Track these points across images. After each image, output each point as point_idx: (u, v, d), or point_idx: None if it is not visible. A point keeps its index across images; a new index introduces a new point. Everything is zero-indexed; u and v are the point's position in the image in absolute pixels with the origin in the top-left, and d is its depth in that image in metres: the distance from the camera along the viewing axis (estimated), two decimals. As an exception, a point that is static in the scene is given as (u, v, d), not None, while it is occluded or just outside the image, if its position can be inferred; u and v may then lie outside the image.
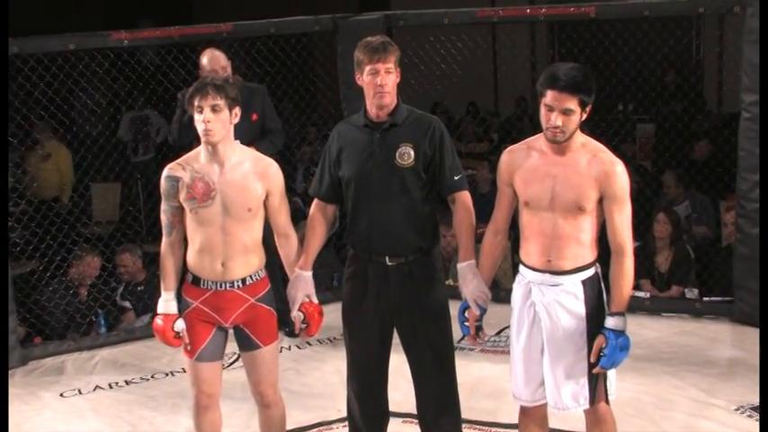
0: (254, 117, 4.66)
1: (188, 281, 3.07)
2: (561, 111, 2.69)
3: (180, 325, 3.04)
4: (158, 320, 3.06)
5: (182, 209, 3.01)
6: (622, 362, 2.80)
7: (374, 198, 3.02)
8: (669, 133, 6.47)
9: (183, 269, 3.11)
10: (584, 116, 2.74)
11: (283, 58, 5.85)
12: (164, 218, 3.06)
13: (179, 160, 3.06)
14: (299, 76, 6.26)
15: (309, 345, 4.76)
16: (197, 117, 2.93)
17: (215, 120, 2.90)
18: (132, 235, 5.99)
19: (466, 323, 3.03)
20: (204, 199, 2.95)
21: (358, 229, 3.08)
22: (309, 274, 3.13)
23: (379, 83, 2.95)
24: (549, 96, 2.70)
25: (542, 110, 2.74)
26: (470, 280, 3.00)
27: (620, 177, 2.76)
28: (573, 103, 2.69)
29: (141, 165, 7.78)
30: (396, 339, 3.17)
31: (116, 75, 6.12)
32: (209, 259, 2.99)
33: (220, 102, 2.90)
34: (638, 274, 2.91)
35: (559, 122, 2.70)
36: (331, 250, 5.86)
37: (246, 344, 3.10)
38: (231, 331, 3.12)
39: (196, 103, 2.91)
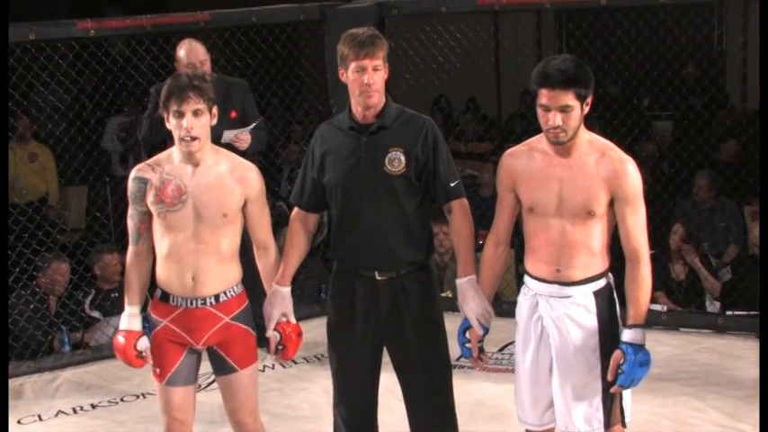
0: (233, 114, 4.67)
1: (156, 297, 3.06)
2: (558, 109, 2.70)
3: (143, 343, 3.03)
4: (120, 337, 3.05)
5: (150, 214, 3.00)
6: (642, 379, 2.81)
7: (361, 208, 3.02)
8: (688, 131, 6.48)
9: (152, 284, 3.10)
10: (586, 109, 2.76)
11: (266, 50, 5.86)
12: (130, 224, 3.05)
13: (149, 161, 3.05)
14: (284, 69, 6.27)
15: (295, 363, 4.76)
16: (174, 122, 2.90)
17: (198, 126, 2.90)
18: (100, 244, 5.96)
19: (467, 344, 3.03)
20: (174, 202, 2.94)
21: (344, 241, 3.08)
22: (287, 290, 3.13)
23: (366, 81, 2.94)
24: (543, 95, 2.72)
25: (539, 111, 2.76)
26: (472, 297, 3.00)
27: (632, 176, 2.78)
28: (569, 99, 2.70)
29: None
30: (386, 357, 3.17)
31: (81, 68, 6.11)
32: (177, 270, 2.97)
33: (202, 105, 2.89)
34: (654, 285, 2.91)
35: (558, 121, 2.71)
36: (318, 260, 5.87)
37: (221, 367, 3.09)
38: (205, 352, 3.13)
39: (174, 108, 2.88)
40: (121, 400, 4.60)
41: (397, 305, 3.06)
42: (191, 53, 4.57)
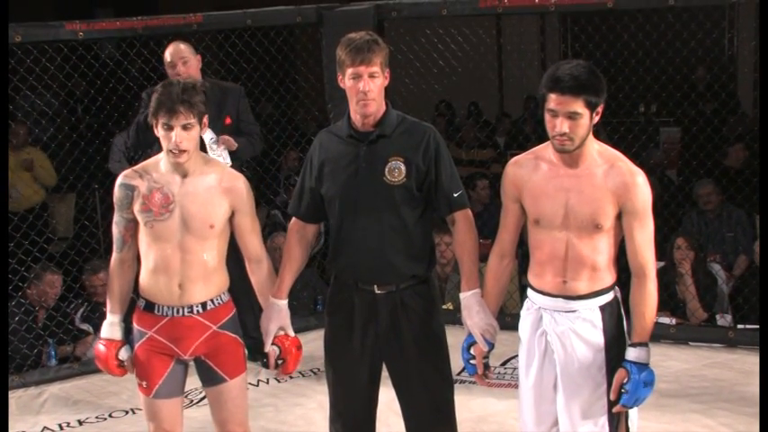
0: (228, 121, 4.69)
1: (140, 308, 3.08)
2: (566, 115, 2.70)
3: (125, 353, 3.07)
4: (101, 346, 3.09)
5: (135, 222, 3.04)
6: (646, 399, 2.81)
7: (360, 219, 3.01)
8: (697, 138, 6.49)
9: (134, 294, 3.12)
10: (596, 119, 2.76)
11: (261, 54, 5.86)
12: (115, 231, 3.09)
13: (136, 167, 3.08)
14: (279, 73, 6.28)
15: (290, 377, 4.77)
16: (162, 133, 2.93)
17: (187, 139, 2.92)
18: (89, 253, 5.97)
19: (472, 361, 3.03)
20: (161, 212, 2.97)
21: (343, 254, 3.08)
22: (284, 303, 3.14)
23: (362, 89, 2.93)
24: (552, 100, 2.71)
25: (546, 116, 2.75)
26: (476, 312, 3.00)
27: (642, 189, 2.77)
28: (578, 106, 2.69)
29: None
30: (385, 371, 3.16)
31: (70, 72, 6.11)
32: (164, 280, 3.00)
33: (192, 119, 2.92)
34: (658, 304, 2.91)
35: (566, 129, 2.71)
36: (314, 270, 5.86)
37: (210, 378, 3.10)
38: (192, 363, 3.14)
39: (163, 121, 2.91)
40: (110, 416, 4.59)
41: (396, 320, 3.05)
42: (174, 53, 4.64)
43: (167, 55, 4.65)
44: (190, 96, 2.91)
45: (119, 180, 3.05)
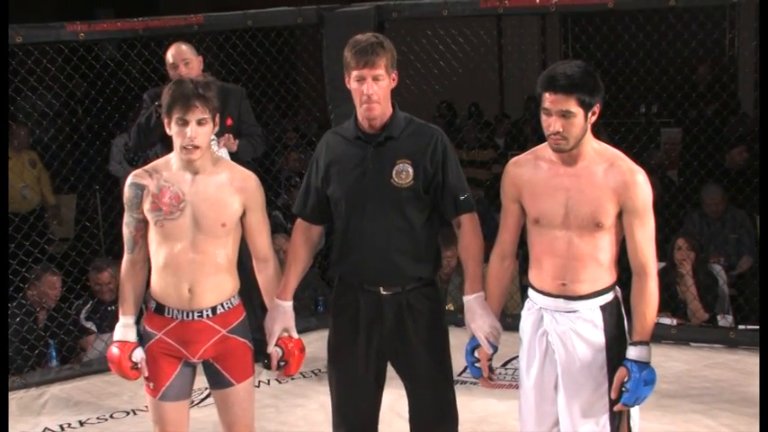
0: (229, 122, 4.70)
1: (150, 309, 3.08)
2: (559, 114, 2.71)
3: (138, 355, 3.05)
4: (114, 349, 3.07)
5: (146, 222, 3.03)
6: (647, 398, 2.82)
7: (367, 221, 3.01)
8: (698, 139, 6.50)
9: (146, 296, 3.12)
10: (592, 118, 2.77)
11: (262, 55, 5.87)
12: (126, 232, 3.08)
13: (146, 167, 3.08)
14: (280, 74, 6.28)
15: (291, 378, 4.76)
16: (176, 130, 2.92)
17: (202, 135, 2.92)
18: (89, 254, 5.98)
19: (476, 364, 3.03)
20: (172, 210, 2.96)
21: (349, 255, 3.07)
22: (289, 304, 3.14)
23: (366, 92, 2.93)
24: (546, 99, 2.73)
25: (542, 115, 2.77)
26: (480, 315, 3.00)
27: (642, 188, 2.78)
28: (571, 105, 2.70)
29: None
30: (389, 373, 3.16)
31: (71, 73, 6.12)
32: (174, 282, 2.99)
33: (207, 115, 2.92)
34: (659, 305, 2.91)
35: (559, 127, 2.72)
36: (315, 270, 5.87)
37: (217, 381, 3.11)
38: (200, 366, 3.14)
39: (178, 116, 2.90)
40: (111, 416, 4.60)
41: (401, 321, 3.05)
42: (176, 54, 4.65)
43: (169, 56, 4.67)
44: (205, 91, 2.92)
45: (128, 180, 3.05)
